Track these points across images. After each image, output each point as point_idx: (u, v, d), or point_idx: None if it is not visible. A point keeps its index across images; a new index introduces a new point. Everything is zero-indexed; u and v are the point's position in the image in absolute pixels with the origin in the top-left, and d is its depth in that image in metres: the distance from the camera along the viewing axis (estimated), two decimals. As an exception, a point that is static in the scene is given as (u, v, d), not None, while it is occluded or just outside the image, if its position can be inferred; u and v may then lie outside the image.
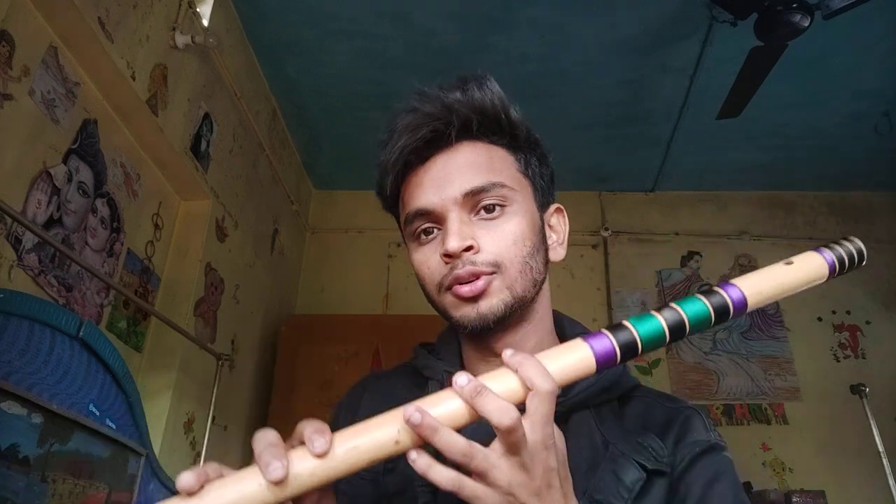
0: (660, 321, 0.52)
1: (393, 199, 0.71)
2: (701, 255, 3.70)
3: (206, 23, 2.30)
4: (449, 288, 0.63)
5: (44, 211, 1.65)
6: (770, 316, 3.53)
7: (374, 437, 0.46)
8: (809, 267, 0.59)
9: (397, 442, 0.46)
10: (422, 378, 0.71)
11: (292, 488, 0.44)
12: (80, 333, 1.56)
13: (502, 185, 0.64)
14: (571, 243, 0.76)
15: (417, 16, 2.56)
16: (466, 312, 0.63)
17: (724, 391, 3.36)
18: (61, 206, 1.72)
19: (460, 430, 0.48)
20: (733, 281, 0.56)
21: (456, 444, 0.45)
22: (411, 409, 0.45)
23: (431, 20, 2.58)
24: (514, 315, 0.64)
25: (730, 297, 0.54)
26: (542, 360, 0.49)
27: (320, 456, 0.44)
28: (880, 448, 2.34)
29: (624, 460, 0.59)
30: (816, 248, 0.61)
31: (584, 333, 0.72)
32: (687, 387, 3.38)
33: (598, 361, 0.51)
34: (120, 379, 1.73)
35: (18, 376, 1.36)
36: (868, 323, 3.48)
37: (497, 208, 0.64)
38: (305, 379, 2.90)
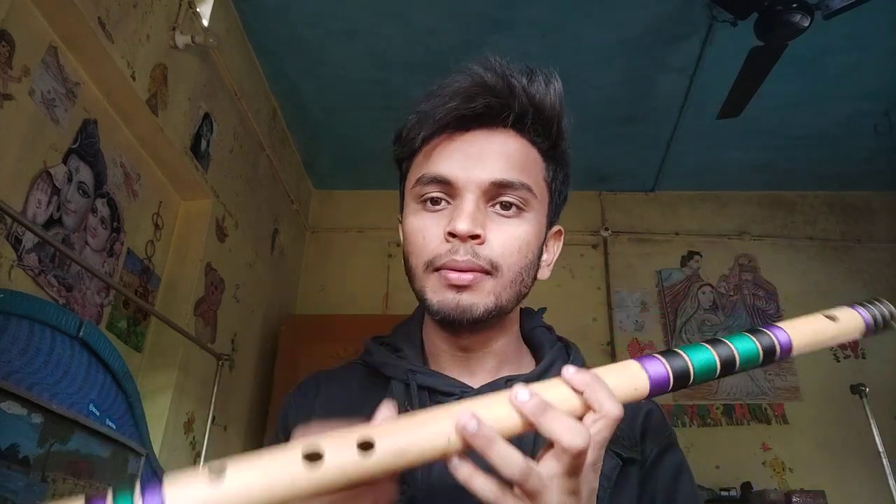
0: (713, 355, 0.51)
1: (411, 150, 0.67)
2: (701, 255, 3.70)
3: (206, 23, 2.30)
4: (438, 269, 0.61)
5: (44, 211, 1.65)
6: (770, 316, 3.53)
7: (423, 439, 0.42)
8: (850, 326, 0.58)
9: (447, 448, 0.42)
10: (378, 377, 0.68)
11: (331, 479, 0.39)
12: (80, 333, 1.56)
13: (528, 189, 0.62)
14: (572, 243, 0.76)
15: (417, 16, 2.56)
16: (446, 299, 0.60)
17: (724, 391, 3.36)
18: (61, 206, 1.72)
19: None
20: (780, 324, 0.56)
21: (513, 460, 0.42)
22: (467, 417, 0.41)
23: (431, 20, 2.58)
24: (490, 322, 0.62)
25: (778, 341, 0.54)
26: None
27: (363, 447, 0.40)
28: (880, 448, 2.34)
29: None
30: (854, 307, 0.59)
31: (542, 327, 0.71)
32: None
33: (651, 388, 0.49)
34: (120, 379, 1.73)
35: (18, 376, 1.36)
36: (868, 323, 3.48)
37: (514, 208, 0.62)
38: (305, 379, 2.89)
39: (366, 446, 0.40)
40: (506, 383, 0.63)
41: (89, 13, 1.64)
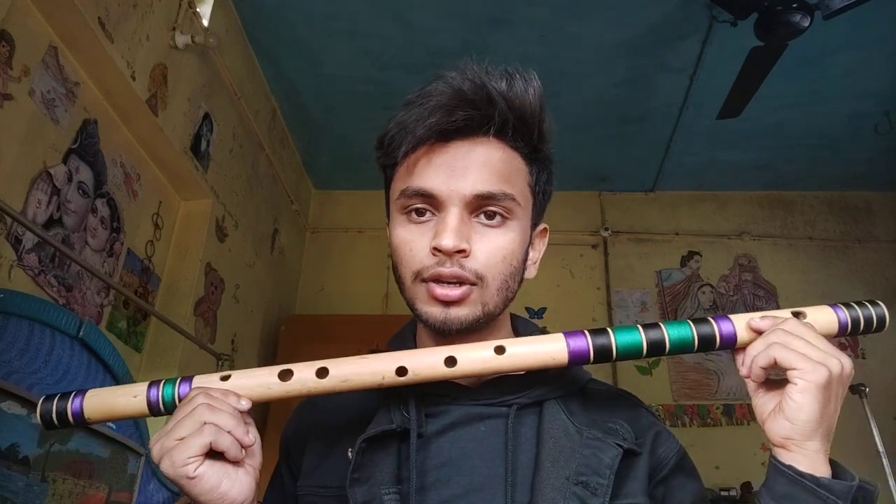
0: (640, 336, 0.58)
1: (392, 161, 0.67)
2: (701, 255, 3.70)
3: (206, 23, 2.29)
4: (425, 280, 0.62)
5: (44, 211, 1.65)
6: (770, 316, 3.53)
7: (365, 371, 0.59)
8: (819, 321, 0.59)
9: (381, 382, 0.58)
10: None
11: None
12: (80, 334, 1.56)
13: (512, 199, 0.63)
14: (572, 243, 0.76)
15: (417, 16, 2.56)
16: (433, 312, 0.62)
17: (724, 391, 3.35)
18: (61, 206, 1.72)
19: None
20: (737, 316, 0.59)
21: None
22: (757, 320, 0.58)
23: (431, 20, 2.58)
24: (478, 327, 0.64)
25: (720, 331, 0.58)
26: (520, 344, 0.59)
27: None
28: (880, 448, 2.34)
29: (599, 442, 0.61)
30: (833, 305, 0.60)
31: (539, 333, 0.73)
32: (687, 387, 3.37)
33: (571, 357, 0.58)
34: (120, 379, 1.73)
35: (18, 376, 1.36)
36: (868, 323, 3.47)
37: (498, 217, 0.63)
38: (305, 379, 2.89)
39: (321, 372, 0.57)
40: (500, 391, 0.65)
41: (89, 13, 1.64)
